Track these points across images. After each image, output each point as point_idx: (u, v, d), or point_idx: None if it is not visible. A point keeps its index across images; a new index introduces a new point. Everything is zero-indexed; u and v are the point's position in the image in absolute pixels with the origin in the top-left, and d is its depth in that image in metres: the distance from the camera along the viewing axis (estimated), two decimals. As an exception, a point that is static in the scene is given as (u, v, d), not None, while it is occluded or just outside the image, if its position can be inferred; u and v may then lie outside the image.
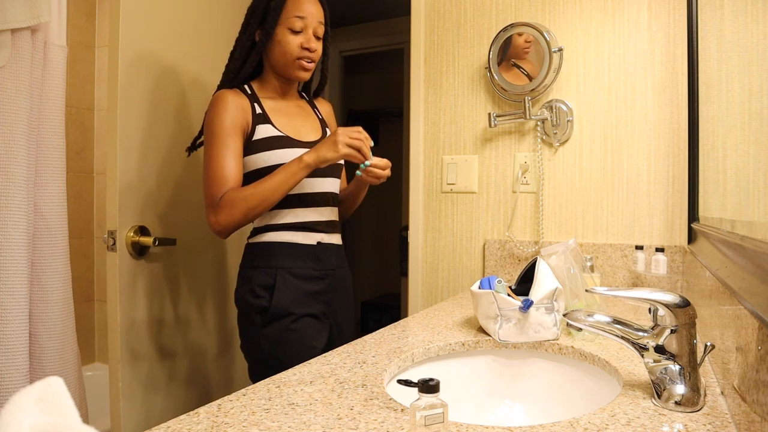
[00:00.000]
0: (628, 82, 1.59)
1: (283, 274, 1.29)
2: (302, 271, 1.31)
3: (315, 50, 1.31)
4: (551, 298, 1.01)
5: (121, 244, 1.47)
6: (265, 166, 1.29)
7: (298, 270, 1.30)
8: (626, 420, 0.65)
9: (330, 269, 1.36)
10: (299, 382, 0.80)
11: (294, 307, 1.28)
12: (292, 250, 1.31)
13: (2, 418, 0.33)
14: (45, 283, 1.51)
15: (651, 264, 1.50)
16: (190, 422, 0.65)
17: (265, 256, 1.31)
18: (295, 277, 1.30)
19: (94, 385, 2.33)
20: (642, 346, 0.73)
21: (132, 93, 1.50)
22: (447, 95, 1.85)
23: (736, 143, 0.91)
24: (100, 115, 2.59)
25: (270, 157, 1.28)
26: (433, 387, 0.58)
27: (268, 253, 1.31)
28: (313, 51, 1.31)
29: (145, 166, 1.55)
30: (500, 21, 1.76)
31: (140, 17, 1.52)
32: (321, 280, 1.34)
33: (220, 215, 1.23)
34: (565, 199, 1.68)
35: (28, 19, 1.41)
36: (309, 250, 1.32)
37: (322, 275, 1.34)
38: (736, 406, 0.63)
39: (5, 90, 1.38)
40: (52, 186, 1.53)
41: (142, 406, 1.53)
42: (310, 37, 1.30)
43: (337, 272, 1.38)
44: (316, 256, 1.33)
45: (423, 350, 0.98)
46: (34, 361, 1.47)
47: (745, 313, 0.59)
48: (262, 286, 1.29)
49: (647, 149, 1.57)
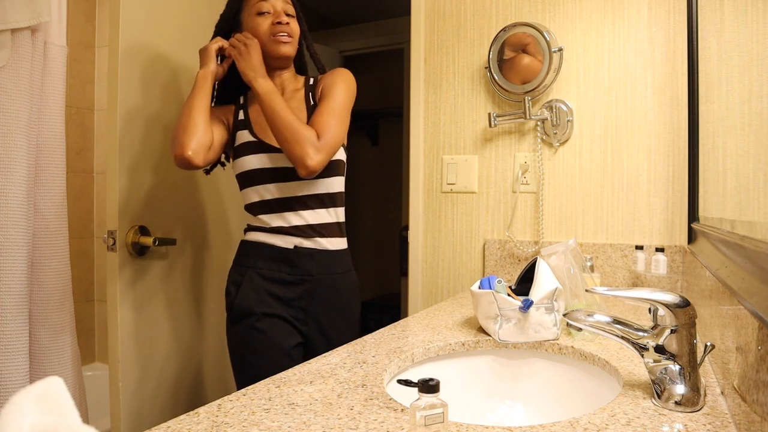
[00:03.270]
0: (628, 82, 1.59)
1: (252, 273, 1.30)
2: (273, 273, 1.30)
3: (287, 23, 1.32)
4: (551, 298, 1.01)
5: (121, 244, 1.47)
6: (240, 171, 1.33)
7: (268, 272, 1.30)
8: (626, 420, 0.65)
9: (307, 274, 1.31)
10: (299, 382, 0.80)
11: (257, 306, 1.27)
12: (266, 252, 1.31)
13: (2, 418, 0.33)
14: (45, 283, 1.51)
15: (651, 264, 1.50)
16: (190, 422, 0.65)
17: (241, 255, 1.35)
18: (263, 278, 1.30)
19: (94, 385, 2.33)
20: (642, 346, 0.73)
21: (132, 92, 1.50)
22: (447, 95, 1.85)
23: (736, 143, 0.91)
24: (100, 115, 2.58)
25: (243, 163, 1.32)
26: (433, 387, 0.58)
27: (245, 252, 1.34)
28: (285, 24, 1.32)
29: (145, 166, 1.55)
30: (500, 21, 1.76)
31: (140, 17, 1.52)
32: (296, 285, 1.30)
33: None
34: (565, 199, 1.68)
35: (28, 19, 1.41)
36: (283, 253, 1.30)
37: (297, 280, 1.30)
38: (736, 406, 0.63)
39: (5, 90, 1.38)
40: (52, 186, 1.53)
41: (142, 406, 1.53)
42: (279, 12, 1.33)
43: (319, 278, 1.32)
44: (290, 261, 1.30)
45: (423, 350, 0.98)
46: (34, 361, 1.47)
47: (745, 313, 0.59)
48: (233, 283, 1.32)
49: (647, 149, 1.57)
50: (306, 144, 1.21)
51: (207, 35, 1.42)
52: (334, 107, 1.28)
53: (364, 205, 4.28)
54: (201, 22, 1.73)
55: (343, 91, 1.32)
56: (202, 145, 1.25)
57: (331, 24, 3.63)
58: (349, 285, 1.39)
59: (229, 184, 1.81)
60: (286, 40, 1.33)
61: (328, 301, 1.34)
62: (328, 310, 1.34)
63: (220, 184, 1.81)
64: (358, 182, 4.18)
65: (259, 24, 1.32)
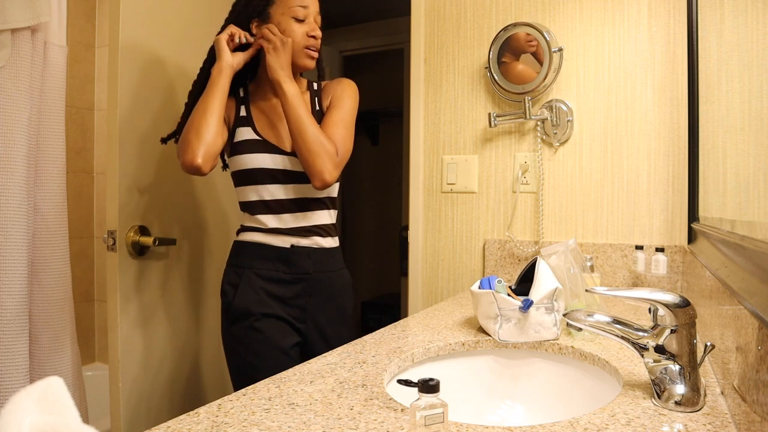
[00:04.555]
0: (628, 82, 1.59)
1: (249, 274, 1.29)
2: (271, 273, 1.29)
3: (319, 38, 1.31)
4: (551, 298, 1.01)
5: (121, 244, 1.47)
6: (240, 168, 1.31)
7: (266, 272, 1.29)
8: (626, 420, 0.65)
9: (304, 273, 1.31)
10: (299, 382, 0.80)
11: (255, 306, 1.27)
12: (264, 251, 1.30)
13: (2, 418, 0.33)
14: (45, 283, 1.51)
15: (651, 264, 1.50)
16: (190, 422, 0.65)
17: (237, 255, 1.33)
18: (261, 278, 1.29)
19: (94, 385, 2.33)
20: (642, 346, 0.73)
21: (132, 92, 1.50)
22: (447, 95, 1.85)
23: (736, 143, 0.91)
24: (100, 115, 2.59)
25: (243, 160, 1.30)
26: (433, 387, 0.58)
27: (241, 252, 1.33)
28: (318, 39, 1.31)
29: (145, 166, 1.55)
30: (500, 21, 1.76)
31: (140, 17, 1.52)
32: (293, 284, 1.31)
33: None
34: (565, 199, 1.68)
35: (28, 19, 1.41)
36: (281, 252, 1.30)
37: (294, 279, 1.31)
38: (736, 406, 0.63)
39: (5, 90, 1.38)
40: (52, 186, 1.53)
41: (142, 406, 1.53)
42: (314, 25, 1.30)
43: (316, 276, 1.32)
44: (287, 259, 1.30)
45: (423, 350, 0.98)
46: (34, 361, 1.47)
47: (745, 313, 0.59)
48: (230, 283, 1.31)
49: (647, 149, 1.57)
50: (327, 158, 1.22)
51: (207, 35, 1.42)
52: (347, 121, 1.31)
53: (364, 205, 4.28)
54: (201, 21, 1.73)
55: (352, 104, 1.34)
56: (211, 153, 1.23)
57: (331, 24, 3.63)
58: (344, 282, 1.40)
59: (229, 184, 1.81)
60: (315, 56, 1.33)
61: (325, 299, 1.34)
62: (325, 307, 1.34)
63: (220, 184, 1.81)
64: (359, 182, 4.18)
65: (294, 30, 1.28)
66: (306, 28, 1.29)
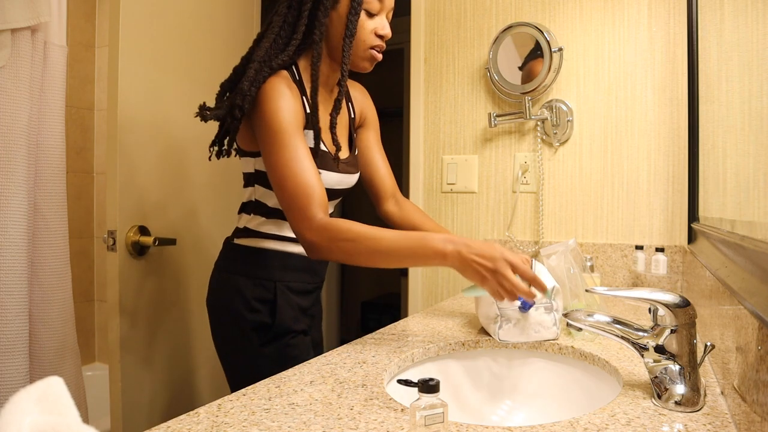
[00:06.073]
0: (628, 82, 1.59)
1: (282, 288, 1.15)
2: (299, 285, 1.18)
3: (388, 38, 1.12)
4: (549, 297, 1.01)
5: (121, 244, 1.47)
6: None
7: (295, 284, 1.18)
8: (626, 420, 0.65)
9: (321, 281, 1.25)
10: (299, 382, 0.80)
11: (293, 324, 1.16)
12: (290, 261, 1.17)
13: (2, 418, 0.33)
14: (45, 283, 1.51)
15: (651, 264, 1.50)
16: (190, 422, 0.65)
17: (259, 265, 1.15)
18: (292, 291, 1.17)
19: (94, 385, 2.33)
20: (642, 346, 0.73)
21: (132, 92, 1.50)
22: (447, 95, 1.85)
23: (736, 143, 0.91)
24: (100, 115, 2.58)
25: None
26: (433, 387, 0.58)
27: (264, 262, 1.15)
28: (386, 39, 1.12)
29: (145, 166, 1.55)
30: (500, 21, 1.76)
31: (140, 17, 1.52)
32: (311, 293, 1.24)
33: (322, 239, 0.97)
34: (565, 199, 1.68)
35: (28, 19, 1.41)
36: (306, 262, 1.18)
37: (313, 288, 1.23)
38: (736, 406, 0.63)
39: (5, 90, 1.38)
40: (52, 186, 1.53)
41: (142, 406, 1.53)
42: (385, 23, 1.11)
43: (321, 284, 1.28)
44: (312, 269, 1.20)
45: (423, 350, 0.98)
46: (34, 361, 1.47)
47: (745, 313, 0.59)
48: (259, 299, 1.13)
49: (647, 149, 1.57)
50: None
51: (207, 34, 1.42)
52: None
53: (364, 205, 4.27)
54: (201, 21, 1.73)
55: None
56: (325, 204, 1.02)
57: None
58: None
59: (230, 184, 1.81)
60: (379, 59, 1.14)
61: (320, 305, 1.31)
62: (320, 313, 1.32)
63: (221, 184, 1.81)
64: (359, 182, 4.17)
65: (364, 27, 1.08)
66: (376, 24, 1.09)
